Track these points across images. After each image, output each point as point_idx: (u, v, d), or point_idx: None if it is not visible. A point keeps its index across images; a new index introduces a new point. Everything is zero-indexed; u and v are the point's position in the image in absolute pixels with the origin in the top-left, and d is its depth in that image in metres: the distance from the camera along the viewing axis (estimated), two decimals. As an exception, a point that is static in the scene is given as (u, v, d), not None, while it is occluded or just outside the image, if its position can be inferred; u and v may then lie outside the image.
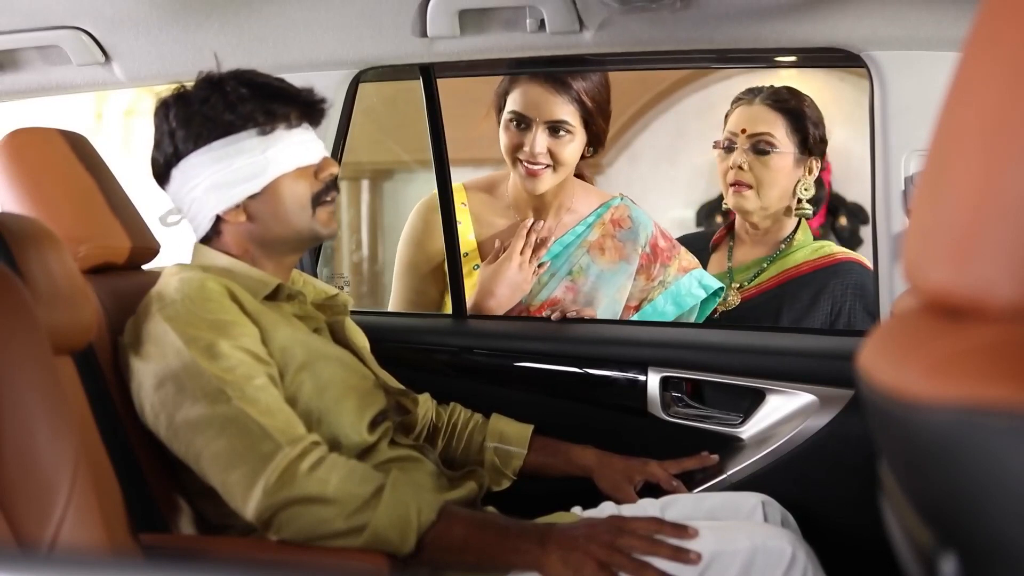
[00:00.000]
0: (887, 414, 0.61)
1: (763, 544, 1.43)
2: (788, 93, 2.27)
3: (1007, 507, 0.52)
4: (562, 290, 2.22)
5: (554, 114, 2.12)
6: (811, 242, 2.30)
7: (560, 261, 2.23)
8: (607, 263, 2.23)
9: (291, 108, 1.61)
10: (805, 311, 2.21)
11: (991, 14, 0.58)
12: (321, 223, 1.64)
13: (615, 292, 2.22)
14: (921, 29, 1.76)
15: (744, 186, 2.24)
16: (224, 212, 1.62)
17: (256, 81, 1.62)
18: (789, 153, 2.23)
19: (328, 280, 2.14)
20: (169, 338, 1.48)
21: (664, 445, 1.92)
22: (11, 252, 1.28)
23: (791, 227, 2.31)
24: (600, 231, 2.25)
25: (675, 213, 4.99)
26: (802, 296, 2.22)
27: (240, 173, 1.58)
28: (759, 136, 2.23)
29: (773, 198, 2.26)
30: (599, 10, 1.78)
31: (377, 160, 5.26)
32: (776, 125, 2.23)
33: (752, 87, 2.30)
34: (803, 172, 2.26)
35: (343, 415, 1.57)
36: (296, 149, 1.61)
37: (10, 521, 1.03)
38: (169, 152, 1.62)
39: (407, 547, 1.38)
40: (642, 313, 2.23)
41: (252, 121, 1.58)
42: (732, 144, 2.26)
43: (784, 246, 2.29)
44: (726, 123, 2.31)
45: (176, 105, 1.62)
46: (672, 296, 2.23)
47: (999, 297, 0.54)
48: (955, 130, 0.59)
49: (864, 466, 1.04)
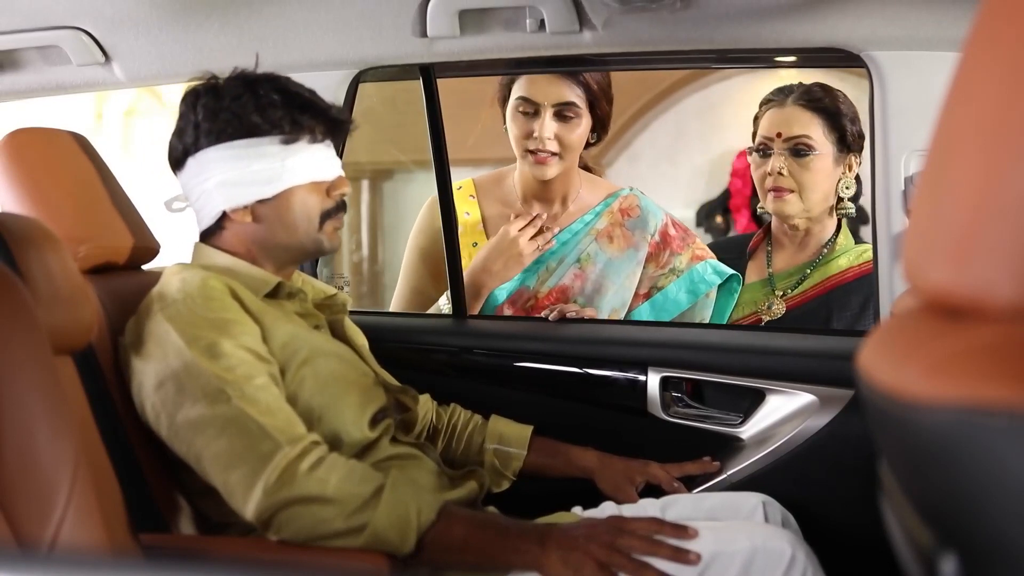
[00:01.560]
0: (887, 414, 0.61)
1: (763, 545, 1.43)
2: (821, 91, 2.19)
3: (1007, 507, 0.52)
4: (570, 277, 2.23)
5: (562, 96, 2.15)
6: (853, 246, 2.24)
7: (568, 248, 2.25)
8: (615, 251, 2.25)
9: (318, 122, 1.62)
10: (856, 319, 2.15)
11: (991, 14, 0.58)
12: (327, 237, 1.66)
13: (624, 280, 2.24)
14: (921, 29, 1.76)
15: (785, 191, 2.17)
16: (231, 210, 1.62)
17: (289, 89, 1.63)
18: (828, 154, 2.16)
19: (328, 280, 2.14)
20: (170, 338, 1.48)
21: (664, 445, 1.92)
22: (11, 252, 1.28)
23: (831, 229, 2.24)
24: (608, 219, 2.27)
25: (675, 213, 4.97)
26: (851, 303, 2.16)
27: (255, 176, 1.59)
28: (797, 139, 2.15)
29: (816, 200, 2.19)
30: (599, 10, 1.78)
31: (377, 160, 5.26)
32: (812, 126, 2.16)
33: (781, 87, 2.23)
34: (843, 170, 2.19)
35: (344, 411, 1.57)
36: (315, 163, 1.62)
37: (10, 521, 1.03)
38: (189, 141, 1.63)
39: (407, 547, 1.38)
40: (653, 301, 2.24)
41: (278, 128, 1.59)
42: (767, 149, 2.19)
43: (827, 251, 2.23)
44: (756, 126, 2.24)
45: (206, 96, 1.62)
46: (686, 283, 2.24)
47: (999, 297, 0.54)
48: (955, 130, 0.59)
49: (864, 466, 1.04)
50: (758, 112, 2.26)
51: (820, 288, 2.21)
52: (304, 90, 1.65)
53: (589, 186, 2.32)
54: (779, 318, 2.21)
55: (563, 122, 2.15)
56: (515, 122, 2.19)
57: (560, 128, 2.15)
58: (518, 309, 2.24)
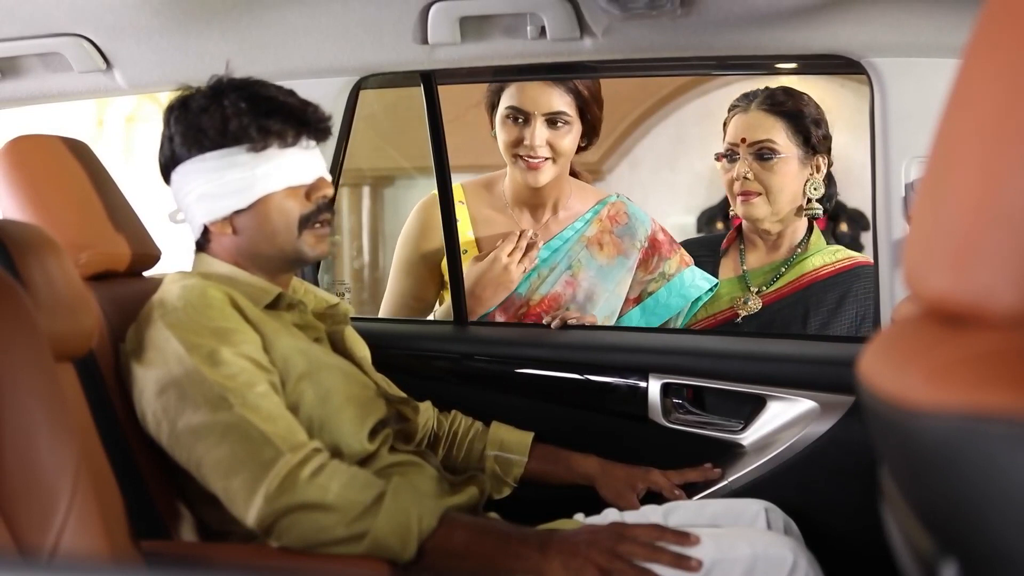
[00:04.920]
0: (888, 420, 0.61)
1: (764, 552, 1.43)
2: (784, 95, 2.24)
3: (1007, 514, 0.52)
4: (562, 285, 2.24)
5: (552, 106, 2.16)
6: (824, 245, 2.29)
7: (559, 256, 2.26)
8: (605, 258, 2.26)
9: (288, 126, 1.59)
10: (832, 315, 2.20)
11: (991, 21, 0.58)
12: (307, 245, 1.62)
13: (615, 287, 2.25)
14: (921, 36, 1.76)
15: (752, 194, 2.22)
16: (211, 223, 1.62)
17: (259, 95, 1.60)
18: (793, 156, 2.21)
19: (329, 287, 2.14)
20: (171, 345, 1.48)
21: (665, 452, 1.92)
22: (12, 259, 1.28)
23: (803, 229, 2.30)
24: (598, 227, 2.29)
25: (676, 219, 4.99)
26: (828, 300, 2.21)
27: (229, 187, 1.58)
28: (760, 144, 2.20)
29: (783, 202, 2.24)
30: (600, 17, 1.78)
31: (378, 167, 5.26)
32: (775, 130, 2.21)
33: (746, 92, 2.28)
34: (811, 171, 2.24)
35: (344, 424, 1.57)
36: (288, 168, 1.59)
37: (11, 528, 1.03)
38: (168, 155, 1.63)
39: (408, 554, 1.38)
40: (644, 305, 2.27)
41: (245, 136, 1.57)
42: (734, 154, 2.24)
43: (800, 250, 2.28)
44: (725, 132, 2.29)
45: (179, 109, 1.62)
46: (676, 288, 2.26)
47: (999, 304, 0.54)
48: (955, 137, 0.59)
49: (865, 472, 1.04)
50: (726, 118, 2.30)
51: (796, 285, 2.26)
52: (277, 92, 1.61)
53: (579, 193, 2.33)
54: (755, 313, 2.26)
55: (554, 129, 2.16)
56: (504, 129, 2.19)
57: (551, 135, 2.16)
58: (511, 316, 2.24)
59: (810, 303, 2.22)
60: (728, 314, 2.28)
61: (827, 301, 2.21)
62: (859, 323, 2.18)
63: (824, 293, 2.22)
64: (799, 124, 2.21)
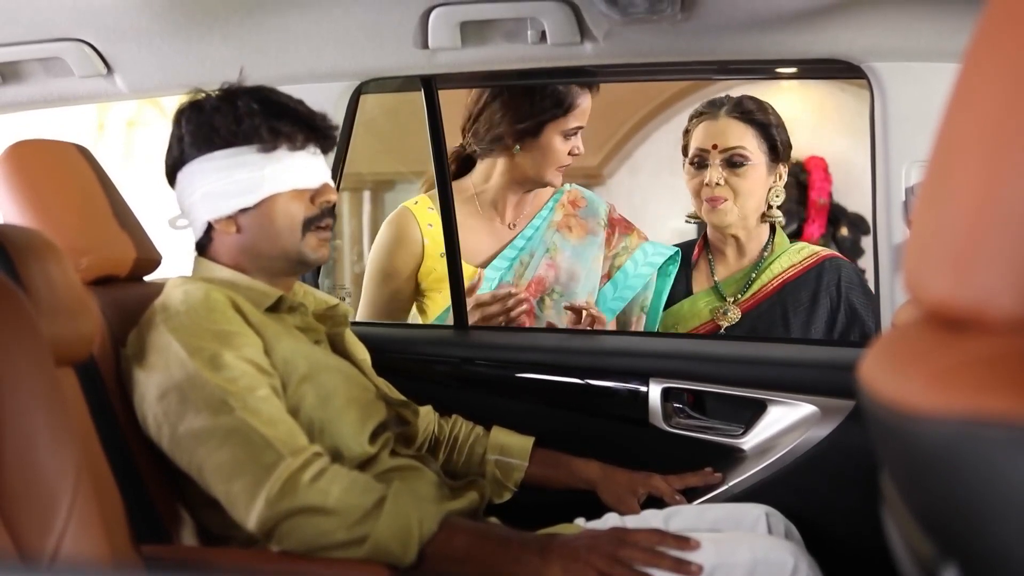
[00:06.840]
0: (888, 425, 0.61)
1: (764, 556, 1.43)
2: (753, 103, 2.29)
3: (1008, 518, 0.52)
4: (544, 268, 2.32)
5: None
6: (788, 245, 2.34)
7: (535, 242, 2.34)
8: (576, 239, 2.36)
9: (297, 129, 1.62)
10: (809, 312, 2.24)
11: (992, 24, 0.58)
12: (310, 248, 1.64)
13: (591, 263, 2.35)
14: (921, 40, 1.76)
15: (720, 200, 2.26)
16: (215, 221, 1.63)
17: (269, 98, 1.63)
18: (761, 163, 2.26)
19: (329, 291, 2.14)
20: (173, 349, 1.48)
21: (665, 456, 1.92)
22: (13, 264, 1.28)
23: (766, 234, 2.34)
24: (562, 212, 2.39)
25: (676, 223, 4.98)
26: (802, 298, 2.25)
27: (236, 186, 1.60)
28: (732, 150, 2.24)
29: (751, 208, 2.29)
30: (600, 21, 1.78)
31: (378, 171, 5.26)
32: (747, 137, 2.25)
33: (712, 99, 2.33)
34: (774, 179, 2.29)
35: (344, 426, 1.57)
36: (296, 171, 1.62)
37: (12, 532, 1.03)
38: (176, 156, 1.65)
39: (408, 558, 1.38)
40: (614, 280, 2.35)
41: (256, 136, 1.59)
42: (703, 160, 2.27)
43: (767, 252, 2.32)
44: (686, 139, 2.33)
45: (190, 111, 1.64)
46: (640, 259, 2.36)
47: (1000, 308, 0.54)
48: (956, 140, 0.59)
49: (865, 477, 1.04)
50: (688, 125, 2.35)
51: (770, 289, 2.29)
52: (288, 99, 1.65)
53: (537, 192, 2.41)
54: (736, 323, 2.28)
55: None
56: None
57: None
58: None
59: (787, 304, 2.26)
60: (710, 326, 2.30)
61: (802, 300, 2.25)
62: (834, 315, 2.22)
63: (797, 292, 2.26)
64: (766, 132, 2.27)
